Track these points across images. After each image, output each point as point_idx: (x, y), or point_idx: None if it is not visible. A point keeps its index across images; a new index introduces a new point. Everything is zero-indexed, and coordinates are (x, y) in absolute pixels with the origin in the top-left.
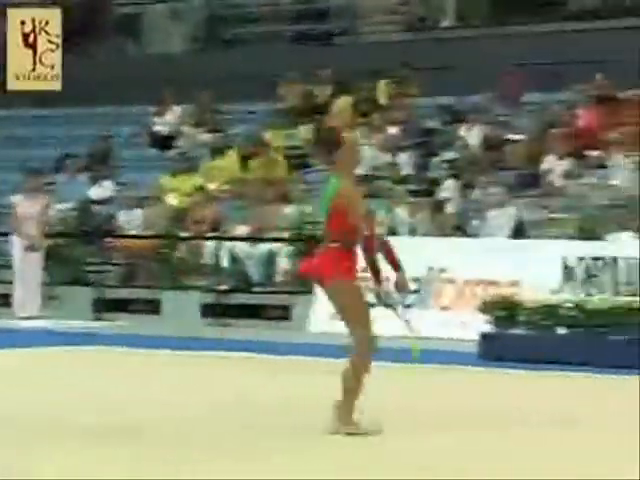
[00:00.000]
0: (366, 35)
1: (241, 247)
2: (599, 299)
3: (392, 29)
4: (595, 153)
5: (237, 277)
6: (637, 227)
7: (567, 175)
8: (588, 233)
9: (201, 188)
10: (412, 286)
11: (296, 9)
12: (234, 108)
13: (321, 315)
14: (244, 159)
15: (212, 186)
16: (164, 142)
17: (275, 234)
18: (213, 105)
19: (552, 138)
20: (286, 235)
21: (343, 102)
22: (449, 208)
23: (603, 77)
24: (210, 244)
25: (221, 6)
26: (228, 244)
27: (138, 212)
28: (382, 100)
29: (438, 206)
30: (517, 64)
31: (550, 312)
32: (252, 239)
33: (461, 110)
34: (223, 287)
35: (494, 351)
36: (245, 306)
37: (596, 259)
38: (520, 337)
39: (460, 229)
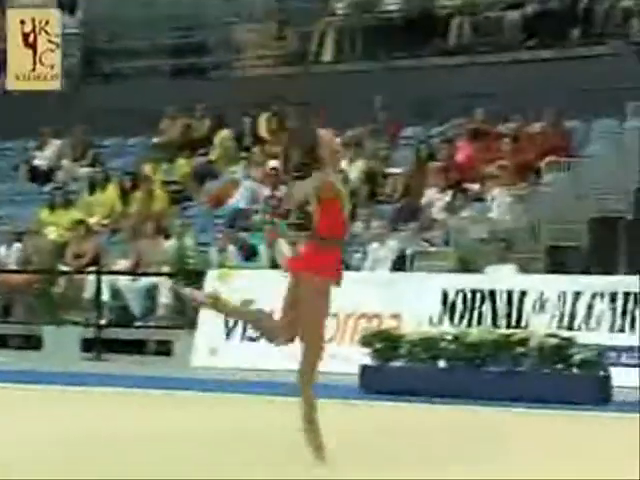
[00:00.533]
0: (244, 69)
1: (121, 281)
2: (478, 331)
3: (270, 63)
4: (473, 186)
5: (118, 311)
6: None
7: (447, 208)
8: (467, 266)
9: (81, 222)
10: None
11: (174, 43)
12: (113, 142)
13: (202, 350)
14: (123, 193)
15: (92, 220)
16: (44, 176)
17: (155, 268)
18: (89, 139)
19: (431, 171)
20: (166, 269)
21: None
22: None
23: (480, 111)
24: (90, 278)
25: (99, 40)
26: (108, 278)
27: (17, 246)
28: (263, 134)
29: None
30: (396, 98)
31: (430, 344)
32: (132, 273)
33: (341, 144)
34: (103, 322)
35: (375, 384)
36: (126, 341)
37: (475, 291)
38: (401, 370)
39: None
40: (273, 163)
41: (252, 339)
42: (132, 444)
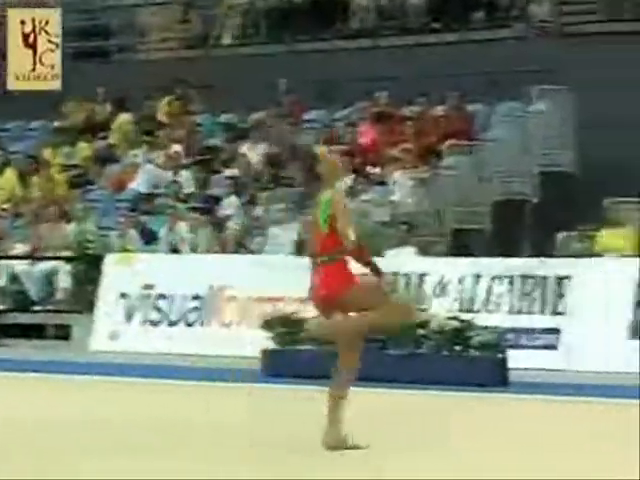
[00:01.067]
0: (148, 52)
1: (20, 266)
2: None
3: (174, 46)
4: (376, 170)
5: (16, 296)
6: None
7: (349, 192)
8: (369, 249)
9: None
10: (195, 304)
11: (78, 26)
12: (14, 125)
13: (101, 334)
14: (23, 177)
15: None
16: None
17: (54, 252)
18: None
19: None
20: (66, 254)
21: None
22: (231, 225)
23: (383, 94)
24: None
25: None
26: (7, 263)
27: None
28: (164, 118)
29: (220, 223)
30: (299, 81)
31: None
32: (32, 258)
33: (243, 127)
34: (1, 307)
35: (277, 368)
36: (24, 326)
37: None
38: (303, 353)
39: (242, 246)
40: (175, 147)
41: (153, 323)
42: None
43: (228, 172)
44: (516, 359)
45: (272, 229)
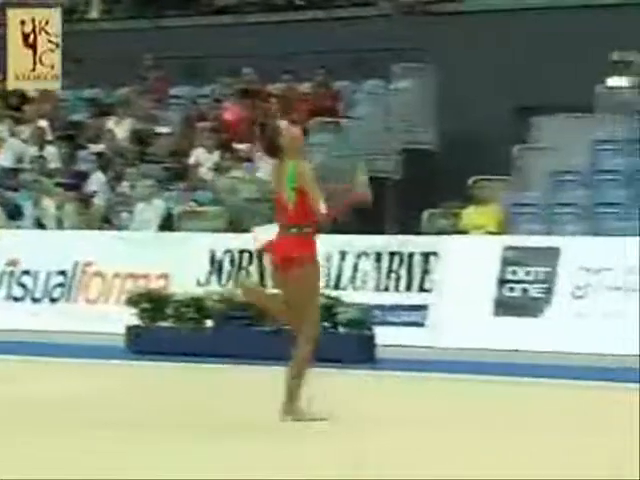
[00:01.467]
0: None
1: None
2: None
3: None
4: (242, 146)
5: None
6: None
7: (215, 168)
8: (237, 226)
9: None
10: (60, 280)
11: None
12: None
13: None
14: None
15: None
16: None
17: None
18: None
19: (199, 131)
20: None
21: None
22: (96, 201)
23: (249, 71)
24: None
25: None
26: None
27: None
28: (30, 92)
29: (85, 199)
30: (165, 57)
31: (197, 305)
32: None
33: (108, 103)
34: None
35: (141, 344)
36: None
37: (243, 251)
38: (168, 330)
39: (108, 222)
40: (41, 122)
41: (16, 299)
42: None
43: (94, 148)
44: (383, 336)
45: (138, 205)
